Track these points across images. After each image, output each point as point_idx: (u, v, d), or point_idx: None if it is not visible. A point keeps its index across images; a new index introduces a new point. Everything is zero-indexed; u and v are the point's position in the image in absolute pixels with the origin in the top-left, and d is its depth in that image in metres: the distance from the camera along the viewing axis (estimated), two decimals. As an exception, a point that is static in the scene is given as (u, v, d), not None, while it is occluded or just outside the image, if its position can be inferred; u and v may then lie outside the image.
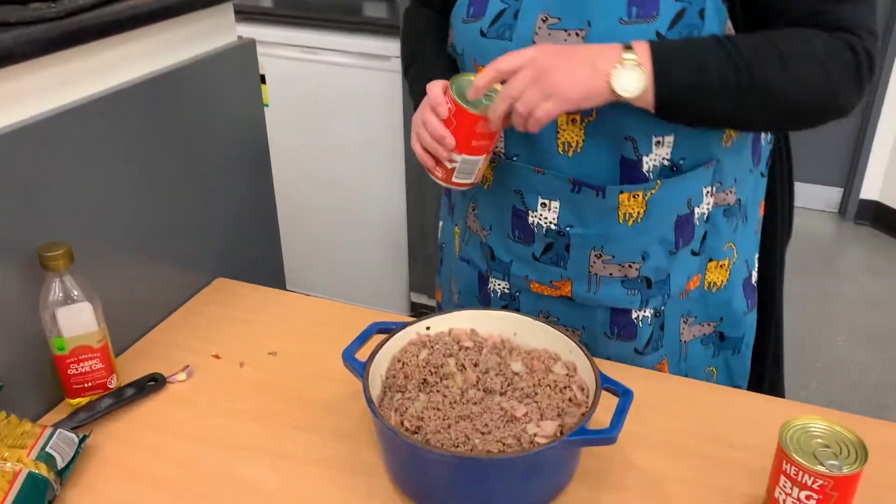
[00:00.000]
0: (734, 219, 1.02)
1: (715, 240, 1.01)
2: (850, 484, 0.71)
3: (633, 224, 0.96)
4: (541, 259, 1.02)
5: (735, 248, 1.04)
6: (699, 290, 1.04)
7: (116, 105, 1.03)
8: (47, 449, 0.84)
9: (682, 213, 0.97)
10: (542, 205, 0.99)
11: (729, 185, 1.00)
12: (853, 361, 2.61)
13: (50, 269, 0.89)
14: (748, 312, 1.09)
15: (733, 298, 1.06)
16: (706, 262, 1.03)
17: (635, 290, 1.01)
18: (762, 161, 1.05)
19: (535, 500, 0.80)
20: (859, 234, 3.47)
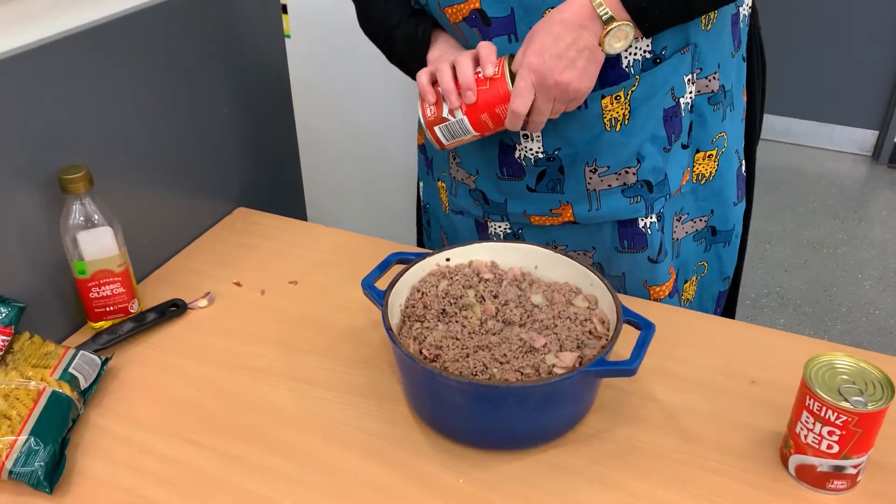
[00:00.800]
0: (721, 106, 0.99)
1: (702, 130, 0.99)
2: (875, 421, 0.70)
3: (621, 128, 0.94)
4: (536, 189, 1.01)
5: (726, 137, 1.02)
6: (689, 184, 1.03)
7: (134, 28, 1.01)
8: (70, 369, 0.85)
9: (668, 105, 0.94)
10: (525, 136, 0.97)
11: (711, 70, 0.96)
12: (879, 306, 2.58)
13: (70, 192, 0.89)
14: (738, 203, 1.08)
15: (724, 188, 1.05)
16: (693, 154, 1.01)
17: (637, 196, 0.98)
18: (742, 45, 1.02)
19: (552, 430, 0.80)
20: (892, 178, 3.39)
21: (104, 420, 0.85)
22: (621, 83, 0.91)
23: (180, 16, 1.08)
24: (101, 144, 0.99)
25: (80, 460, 0.80)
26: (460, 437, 0.81)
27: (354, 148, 2.51)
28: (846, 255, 2.85)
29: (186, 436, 0.83)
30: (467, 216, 1.12)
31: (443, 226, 1.19)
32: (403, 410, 0.86)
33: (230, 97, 1.22)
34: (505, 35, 0.91)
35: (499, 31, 0.91)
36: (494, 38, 0.92)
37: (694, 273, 1.11)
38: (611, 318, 0.84)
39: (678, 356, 0.93)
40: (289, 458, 0.80)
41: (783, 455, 0.78)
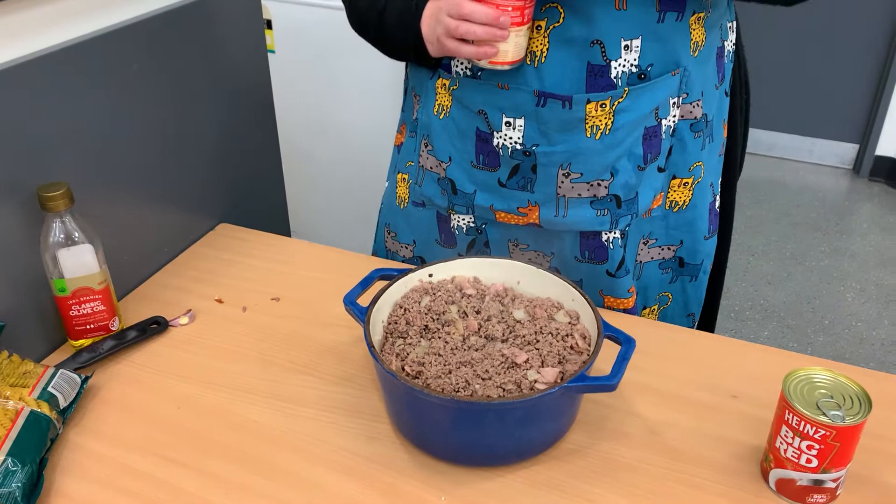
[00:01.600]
0: (701, 135, 1.01)
1: (681, 156, 1.00)
2: (853, 435, 0.71)
3: (600, 137, 0.94)
4: (507, 184, 1.00)
5: (703, 167, 1.03)
6: (661, 210, 1.03)
7: (116, 44, 1.01)
8: (49, 388, 0.84)
9: (649, 124, 0.95)
10: (507, 124, 0.96)
11: (695, 97, 0.98)
12: (862, 317, 2.60)
13: (50, 210, 0.89)
14: (709, 237, 1.09)
15: (696, 220, 1.05)
16: (669, 180, 1.01)
17: (605, 210, 0.99)
18: (726, 79, 1.03)
19: (534, 446, 0.80)
20: (873, 191, 3.42)
21: (84, 439, 0.85)
22: (608, 92, 0.92)
23: (162, 32, 1.08)
24: (81, 161, 0.99)
25: (59, 480, 0.79)
26: (442, 454, 0.81)
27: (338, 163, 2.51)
28: (828, 268, 2.87)
29: (167, 455, 0.82)
30: (429, 208, 1.10)
31: (389, 223, 1.17)
32: (385, 428, 0.85)
33: (213, 113, 1.22)
34: None
35: None
36: None
37: (656, 302, 1.11)
38: (592, 333, 0.84)
39: (659, 371, 0.93)
40: (270, 476, 0.79)
41: (763, 469, 0.78)
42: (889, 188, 3.44)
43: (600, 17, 0.88)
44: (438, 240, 1.12)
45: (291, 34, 2.35)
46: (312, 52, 2.36)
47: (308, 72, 2.39)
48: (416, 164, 1.09)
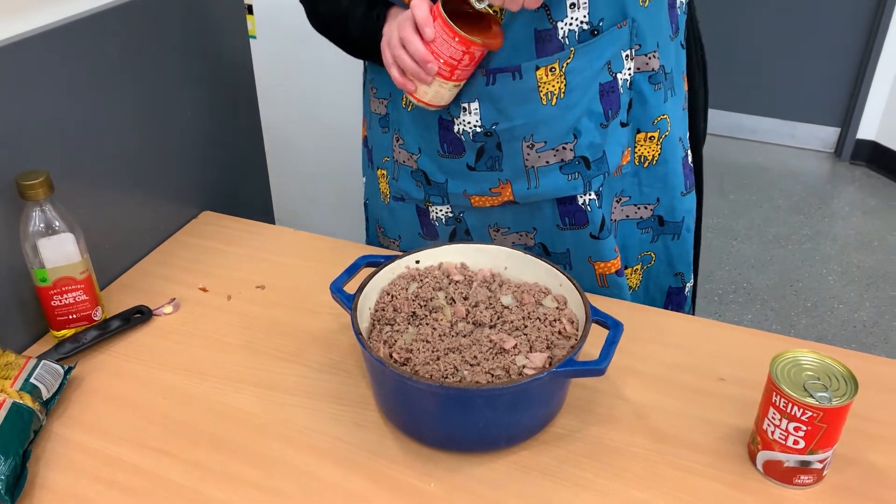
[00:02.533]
0: (661, 87, 0.99)
1: (642, 109, 0.99)
2: (839, 416, 0.71)
3: (556, 102, 0.94)
4: (476, 167, 1.00)
5: (668, 120, 1.01)
6: (631, 166, 1.02)
7: (94, 29, 0.99)
8: (32, 380, 0.83)
9: (604, 80, 0.94)
10: (463, 109, 0.96)
11: (650, 48, 0.96)
12: (843, 300, 2.63)
13: (29, 199, 0.87)
14: (686, 193, 1.07)
15: (669, 175, 1.04)
16: (634, 134, 1.00)
17: (575, 173, 0.98)
18: (680, 31, 1.02)
19: (523, 431, 0.80)
20: (854, 175, 3.45)
21: (68, 431, 0.84)
22: (556, 54, 0.92)
23: (142, 17, 1.06)
24: (61, 149, 0.97)
25: (43, 472, 0.78)
26: (431, 440, 0.80)
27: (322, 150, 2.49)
28: (811, 251, 2.89)
29: (153, 445, 0.81)
30: (408, 202, 1.10)
31: (379, 219, 1.18)
32: (373, 415, 0.85)
33: (195, 99, 1.20)
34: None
35: None
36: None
37: (638, 262, 1.11)
38: (580, 317, 0.84)
39: (647, 355, 0.93)
40: (257, 465, 0.79)
41: (751, 451, 0.79)
42: (870, 171, 3.47)
43: None
44: (421, 233, 1.12)
45: (273, 19, 2.32)
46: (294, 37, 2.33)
47: (290, 57, 2.36)
48: (391, 159, 1.09)
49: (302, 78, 2.39)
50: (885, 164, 3.43)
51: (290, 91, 2.41)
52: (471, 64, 0.90)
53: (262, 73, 1.43)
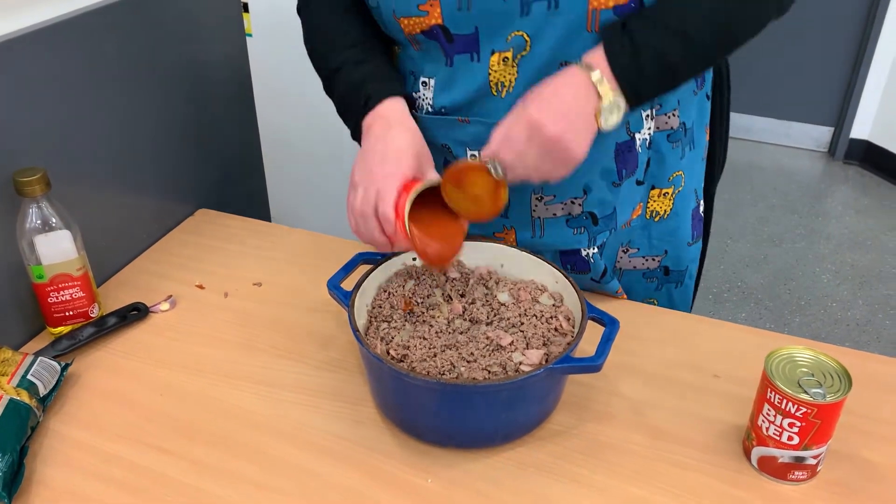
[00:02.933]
0: (679, 144, 0.98)
1: (659, 167, 0.97)
2: (833, 412, 0.72)
3: None
4: None
5: (683, 176, 1.00)
6: (640, 220, 1.01)
7: (91, 26, 0.99)
8: (28, 376, 0.83)
9: (621, 139, 0.92)
10: (472, 157, 0.92)
11: (671, 107, 0.94)
12: (836, 298, 2.64)
13: (26, 195, 0.87)
14: (693, 243, 1.07)
15: (679, 228, 1.03)
16: (648, 191, 0.99)
17: (581, 227, 0.96)
18: (706, 82, 1.00)
19: (520, 427, 0.81)
20: (848, 174, 3.47)
21: (65, 427, 0.84)
22: None
23: (139, 14, 1.06)
24: (58, 146, 0.97)
25: (40, 469, 0.78)
26: (428, 436, 0.81)
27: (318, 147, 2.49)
28: (804, 250, 2.91)
29: (150, 442, 0.82)
30: None
31: None
32: (371, 412, 0.85)
33: (191, 97, 1.20)
34: (467, 53, 0.87)
35: (461, 48, 0.87)
36: (457, 54, 0.88)
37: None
38: (576, 315, 0.84)
39: (643, 352, 0.94)
40: (255, 462, 0.79)
41: (746, 447, 0.79)
42: (863, 171, 3.49)
43: (570, 41, 0.83)
44: None
45: (269, 17, 2.32)
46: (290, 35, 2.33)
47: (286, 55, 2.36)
48: None
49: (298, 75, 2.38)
50: (879, 163, 3.45)
51: (286, 88, 2.41)
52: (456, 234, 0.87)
53: (258, 70, 1.43)
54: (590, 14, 0.81)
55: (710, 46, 0.82)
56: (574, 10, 0.81)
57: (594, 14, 0.81)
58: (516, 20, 0.83)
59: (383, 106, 0.89)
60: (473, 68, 0.88)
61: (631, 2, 0.81)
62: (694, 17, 0.80)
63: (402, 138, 0.86)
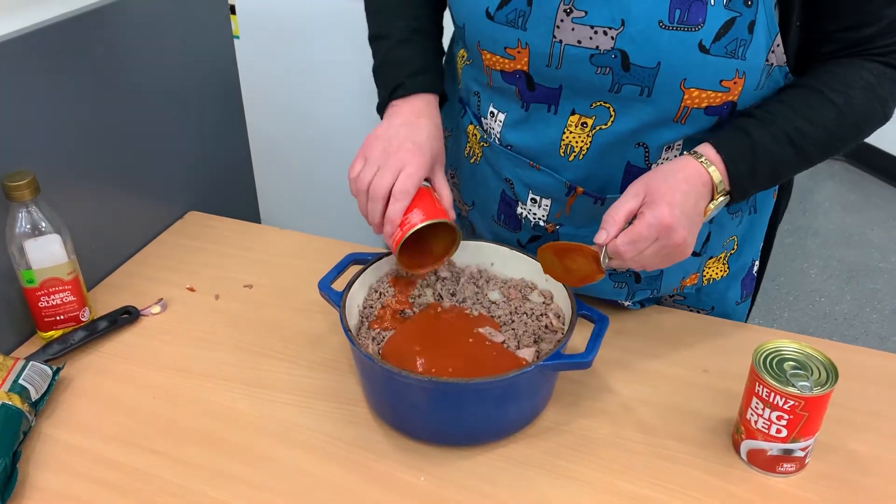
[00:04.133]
0: (740, 214, 0.95)
1: (718, 238, 0.95)
2: (821, 404, 0.73)
3: None
4: (526, 246, 0.97)
5: (737, 240, 0.98)
6: (696, 286, 1.00)
7: (79, 29, 0.99)
8: (20, 381, 0.83)
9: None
10: (533, 200, 0.92)
11: None
12: (825, 294, 2.66)
13: (15, 200, 0.87)
14: (741, 302, 1.04)
15: (728, 290, 1.02)
16: (706, 260, 0.97)
17: (623, 283, 0.96)
18: None
19: (512, 424, 0.81)
20: (835, 170, 3.49)
21: (57, 431, 0.84)
22: None
23: (126, 18, 1.06)
24: (46, 150, 0.97)
25: (34, 473, 0.78)
26: (420, 435, 0.81)
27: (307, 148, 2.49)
28: (793, 245, 2.93)
29: (143, 444, 0.82)
30: None
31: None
32: (363, 411, 0.86)
33: (179, 99, 1.20)
34: (545, 104, 0.85)
35: (541, 98, 0.84)
36: (534, 103, 0.85)
37: None
38: (566, 312, 0.85)
39: (632, 347, 0.94)
40: (248, 463, 0.79)
41: (735, 441, 0.80)
42: (850, 167, 3.52)
43: (655, 128, 0.82)
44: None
45: (256, 19, 2.32)
46: (278, 37, 2.33)
47: (273, 57, 2.36)
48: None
49: (286, 77, 2.39)
50: (865, 159, 3.47)
51: (273, 90, 2.40)
52: None
53: (246, 72, 1.43)
54: (681, 109, 0.80)
55: (818, 158, 0.82)
56: (667, 102, 0.79)
57: (685, 110, 0.80)
58: (605, 94, 0.81)
59: (416, 98, 0.89)
60: (550, 120, 0.86)
61: (724, 105, 0.80)
62: (814, 134, 0.79)
63: (428, 132, 0.86)
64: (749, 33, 0.75)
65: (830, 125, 0.80)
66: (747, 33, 0.75)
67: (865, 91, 0.79)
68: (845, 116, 0.80)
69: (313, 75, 2.36)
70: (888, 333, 2.48)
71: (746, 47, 0.75)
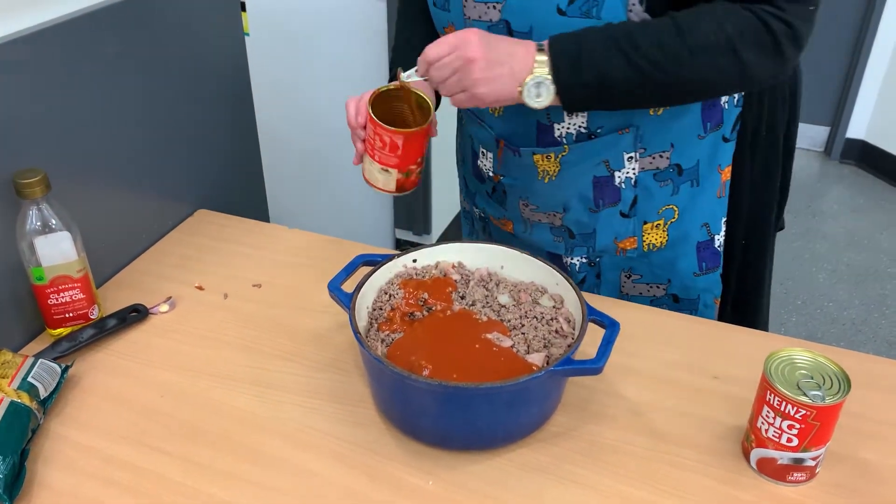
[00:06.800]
0: (670, 182, 1.00)
1: (647, 203, 1.01)
2: (832, 414, 0.72)
3: (549, 181, 1.02)
4: (492, 196, 1.13)
5: (677, 210, 1.02)
6: (638, 251, 1.05)
7: (90, 27, 0.99)
8: (29, 379, 0.83)
9: (599, 174, 1.00)
10: (483, 153, 1.09)
11: (658, 149, 0.98)
12: (833, 298, 2.65)
13: (26, 197, 0.87)
14: (701, 274, 1.07)
15: (678, 259, 1.05)
16: (641, 224, 1.03)
17: (560, 237, 1.07)
18: (725, 125, 1.00)
19: (521, 429, 0.81)
20: (843, 174, 3.48)
21: (65, 429, 0.84)
22: (552, 147, 0.99)
23: (137, 15, 1.06)
24: (57, 147, 0.97)
25: (41, 471, 0.78)
26: (429, 438, 0.81)
27: (316, 147, 2.49)
28: (801, 249, 2.91)
29: (151, 443, 0.82)
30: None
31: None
32: (371, 413, 0.85)
33: (189, 97, 1.20)
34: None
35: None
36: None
37: None
38: (576, 317, 0.85)
39: (643, 353, 0.94)
40: (256, 463, 0.79)
41: (745, 449, 0.79)
42: (859, 170, 3.50)
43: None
44: None
45: (267, 16, 2.32)
46: (287, 34, 2.33)
47: (283, 54, 2.36)
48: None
49: (295, 74, 2.38)
50: (874, 162, 3.45)
51: (283, 88, 2.40)
52: (391, 152, 0.93)
53: (256, 70, 1.43)
54: None
55: (653, 78, 0.83)
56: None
57: None
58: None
59: None
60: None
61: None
62: (645, 44, 0.82)
63: None
64: None
65: (665, 39, 0.81)
66: None
67: (712, 22, 0.81)
68: (683, 36, 0.81)
69: (323, 73, 2.36)
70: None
71: (601, 7, 0.83)
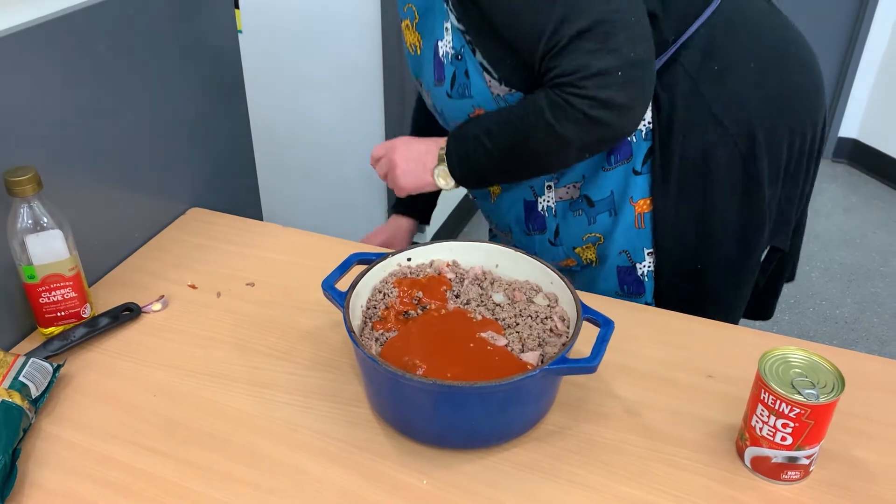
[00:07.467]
0: (582, 213, 1.08)
1: (568, 232, 1.11)
2: (826, 413, 0.72)
3: (495, 201, 1.16)
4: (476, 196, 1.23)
5: (602, 237, 1.08)
6: (579, 267, 1.14)
7: (82, 24, 0.98)
8: (20, 378, 0.82)
9: (527, 198, 1.11)
10: None
11: (571, 180, 1.07)
12: (825, 297, 2.66)
13: (17, 195, 0.86)
14: (624, 296, 1.10)
15: (598, 279, 1.11)
16: (571, 249, 1.12)
17: None
18: (635, 158, 1.02)
19: (516, 427, 0.81)
20: (836, 172, 3.49)
21: (57, 429, 0.83)
22: None
23: (130, 12, 1.06)
24: (49, 145, 0.96)
25: (33, 471, 0.78)
26: (423, 437, 0.81)
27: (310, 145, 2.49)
28: (793, 248, 2.92)
29: (144, 443, 0.81)
30: None
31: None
32: (365, 412, 0.85)
33: (182, 94, 1.19)
34: None
35: None
36: None
37: None
38: (571, 315, 0.85)
39: (637, 352, 0.94)
40: (250, 463, 0.79)
41: (739, 447, 0.80)
42: (852, 169, 3.51)
43: None
44: None
45: (260, 14, 2.31)
46: (281, 32, 2.33)
47: (277, 52, 2.36)
48: None
49: (289, 72, 2.38)
50: (867, 161, 3.47)
51: (277, 86, 2.40)
52: None
53: (249, 67, 1.43)
54: None
55: (511, 162, 1.00)
56: None
57: None
58: None
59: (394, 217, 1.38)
60: None
61: None
62: (495, 135, 0.98)
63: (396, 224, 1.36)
64: (466, 78, 1.00)
65: (503, 129, 0.97)
66: (465, 78, 1.00)
67: (536, 109, 0.93)
68: (514, 125, 0.96)
69: (317, 71, 2.35)
70: (889, 337, 2.48)
71: (471, 89, 1.00)
